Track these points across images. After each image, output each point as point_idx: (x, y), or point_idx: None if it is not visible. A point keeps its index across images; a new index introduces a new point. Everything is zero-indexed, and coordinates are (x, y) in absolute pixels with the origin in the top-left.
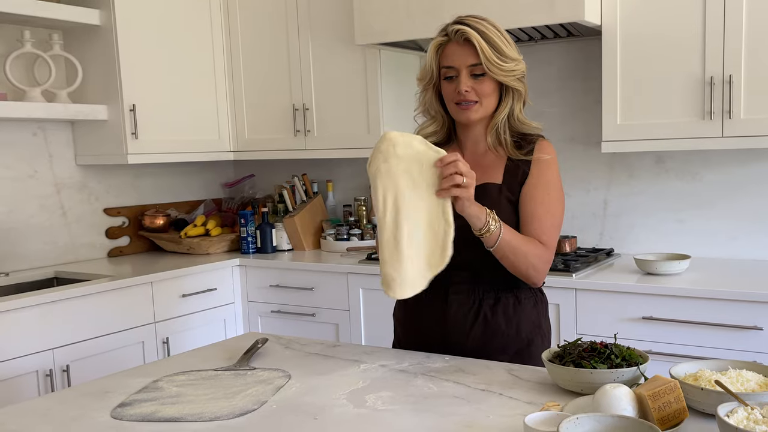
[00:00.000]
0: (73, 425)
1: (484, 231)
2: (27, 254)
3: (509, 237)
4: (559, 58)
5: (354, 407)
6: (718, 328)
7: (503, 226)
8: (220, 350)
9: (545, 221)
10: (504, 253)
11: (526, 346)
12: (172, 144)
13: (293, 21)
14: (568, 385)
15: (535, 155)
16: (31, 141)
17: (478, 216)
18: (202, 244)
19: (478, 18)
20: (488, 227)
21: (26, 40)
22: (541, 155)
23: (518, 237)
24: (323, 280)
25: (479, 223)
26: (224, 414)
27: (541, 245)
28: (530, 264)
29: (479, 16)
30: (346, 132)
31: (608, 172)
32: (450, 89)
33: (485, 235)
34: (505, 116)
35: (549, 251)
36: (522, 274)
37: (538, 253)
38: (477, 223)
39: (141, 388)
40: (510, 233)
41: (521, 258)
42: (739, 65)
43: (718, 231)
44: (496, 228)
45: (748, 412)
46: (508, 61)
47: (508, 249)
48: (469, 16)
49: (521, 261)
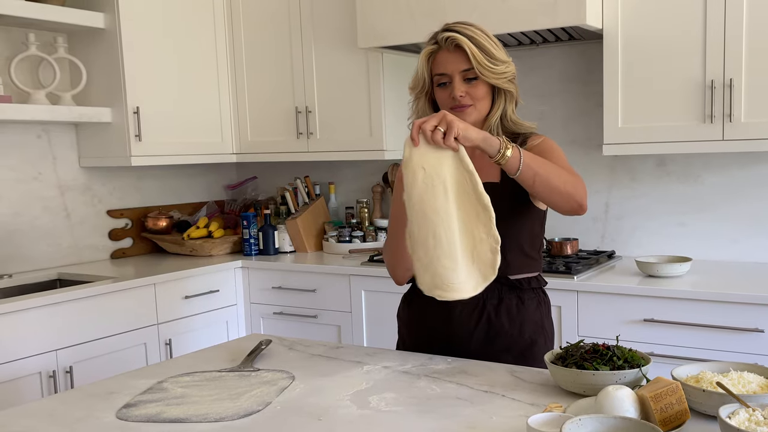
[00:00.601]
0: (79, 426)
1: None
2: (31, 256)
3: (530, 158)
4: (561, 61)
5: (358, 408)
6: (719, 331)
7: (522, 150)
8: (224, 351)
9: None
10: (533, 172)
11: (529, 346)
12: (176, 146)
13: (296, 24)
14: (570, 387)
15: (528, 145)
16: (35, 143)
17: (486, 138)
18: (204, 246)
19: (465, 24)
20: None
21: (31, 43)
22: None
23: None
24: (325, 282)
25: (493, 145)
26: (229, 415)
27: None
28: (566, 180)
29: (466, 22)
30: (349, 135)
31: (610, 174)
32: (444, 95)
33: (502, 160)
34: (498, 118)
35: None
36: (563, 194)
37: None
38: (491, 146)
39: (146, 389)
40: (530, 156)
41: (553, 173)
42: (739, 69)
43: (720, 234)
44: (514, 149)
45: (749, 414)
46: (498, 64)
47: (537, 167)
48: (457, 22)
49: (554, 177)
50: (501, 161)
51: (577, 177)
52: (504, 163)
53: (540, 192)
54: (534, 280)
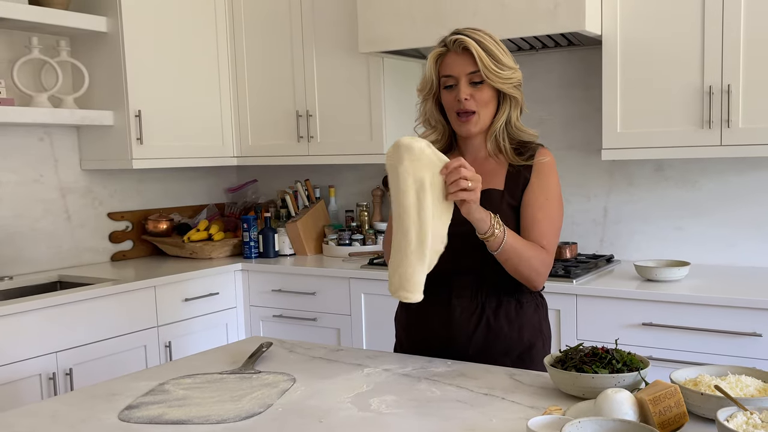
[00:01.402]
0: (81, 426)
1: (488, 235)
2: (31, 258)
3: (513, 241)
4: (560, 67)
5: (358, 411)
6: (717, 335)
7: (507, 230)
8: (225, 354)
9: (546, 226)
10: (507, 256)
11: (527, 349)
12: (177, 149)
13: (297, 28)
14: (570, 390)
15: (536, 159)
16: (37, 146)
17: (483, 219)
18: (204, 249)
19: (475, 29)
20: (493, 231)
21: (34, 47)
22: (541, 159)
23: (521, 241)
24: (325, 285)
25: (484, 226)
26: (231, 417)
27: (543, 249)
28: (533, 268)
29: (476, 28)
30: (349, 138)
31: (608, 179)
32: (450, 98)
33: (490, 239)
34: (502, 123)
35: (550, 255)
36: (524, 277)
37: (540, 257)
38: (482, 226)
39: (148, 390)
40: (513, 237)
41: (524, 262)
42: (737, 75)
43: (717, 238)
44: (501, 232)
45: (747, 417)
46: (505, 69)
47: (512, 253)
48: (467, 28)
49: (524, 265)
50: (489, 239)
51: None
52: (488, 242)
53: (506, 268)
54: None
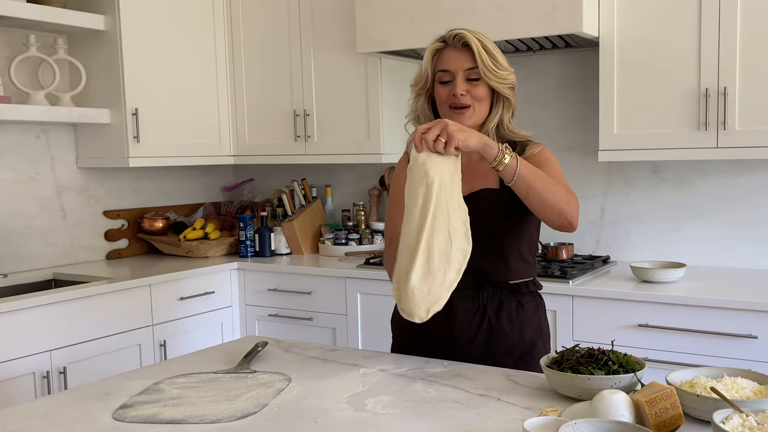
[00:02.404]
0: (75, 426)
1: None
2: (27, 256)
3: (529, 168)
4: (557, 68)
5: (354, 411)
6: (713, 336)
7: (520, 159)
8: (221, 353)
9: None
10: (528, 183)
11: (529, 349)
12: (174, 148)
13: (295, 28)
14: (566, 391)
15: (527, 154)
16: (33, 143)
17: (487, 144)
18: (200, 248)
19: (472, 30)
20: (503, 155)
21: (31, 44)
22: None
23: (538, 170)
24: (321, 285)
25: (492, 150)
26: (226, 416)
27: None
28: (560, 197)
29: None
30: (346, 138)
31: (605, 180)
32: (445, 92)
33: (500, 166)
34: (494, 124)
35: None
36: (553, 208)
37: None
38: (490, 151)
39: (142, 390)
40: (529, 166)
41: (549, 188)
42: (733, 78)
43: (714, 240)
44: (512, 158)
45: (743, 419)
46: (501, 69)
47: (532, 178)
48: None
49: (548, 192)
50: (498, 167)
51: (571, 194)
52: (501, 169)
53: (532, 204)
54: (531, 284)
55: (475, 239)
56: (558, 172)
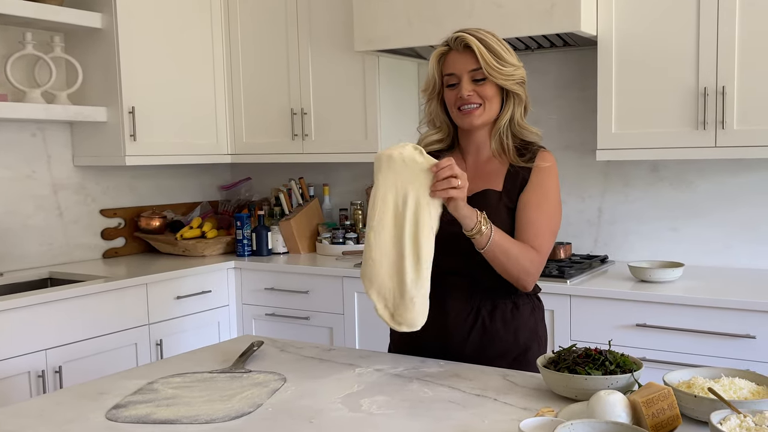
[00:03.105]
0: (68, 426)
1: (475, 232)
2: (23, 255)
3: (500, 239)
4: (556, 67)
5: (349, 411)
6: (711, 336)
7: (494, 228)
8: (216, 353)
9: (540, 226)
10: (495, 254)
11: (523, 352)
12: (171, 146)
13: (293, 26)
14: (562, 391)
15: (536, 163)
16: (30, 142)
17: (469, 216)
18: (197, 246)
19: (478, 29)
20: (479, 228)
21: (27, 42)
22: (541, 163)
23: (510, 240)
24: (318, 284)
25: (471, 223)
26: (220, 416)
27: (533, 250)
28: (521, 267)
29: (479, 28)
30: (344, 137)
31: (603, 180)
32: (452, 95)
33: (476, 236)
34: (506, 121)
35: (541, 256)
36: (513, 277)
37: (529, 257)
38: (468, 223)
39: (136, 389)
40: (501, 236)
41: (512, 261)
42: (732, 77)
43: (712, 239)
44: (487, 229)
45: (740, 420)
46: (506, 65)
47: (499, 251)
48: (469, 28)
49: (512, 264)
50: (476, 236)
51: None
52: (475, 239)
53: (495, 267)
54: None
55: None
56: (551, 200)
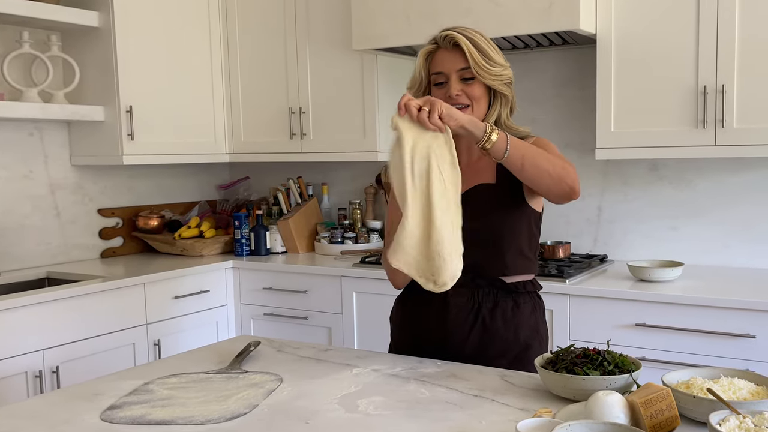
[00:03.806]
0: (63, 427)
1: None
2: (20, 254)
3: (520, 141)
4: (554, 66)
5: (346, 412)
6: (710, 336)
7: (510, 135)
8: (212, 353)
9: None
10: (521, 154)
11: (524, 350)
12: (168, 145)
13: (291, 25)
14: (560, 392)
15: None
16: (27, 141)
17: (474, 122)
18: (195, 246)
19: (465, 28)
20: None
21: (24, 41)
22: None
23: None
24: (317, 283)
25: (479, 127)
26: (215, 417)
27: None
28: (556, 163)
29: (467, 27)
30: (342, 136)
31: (602, 179)
32: (440, 95)
33: (488, 144)
34: (493, 121)
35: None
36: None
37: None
38: (477, 128)
39: (131, 390)
40: (519, 140)
41: (541, 156)
42: (731, 75)
43: (712, 239)
44: (499, 133)
45: (739, 421)
46: (495, 66)
47: (524, 150)
48: (457, 26)
49: (542, 160)
50: (486, 145)
51: (567, 162)
52: (490, 147)
53: (529, 175)
54: (529, 284)
55: (472, 235)
56: (555, 152)
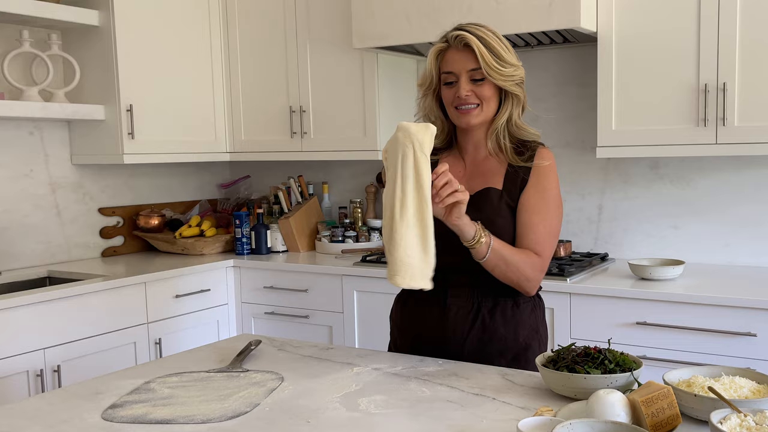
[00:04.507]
0: (63, 426)
1: (475, 242)
2: (21, 253)
3: (500, 247)
4: (555, 64)
5: (347, 411)
6: (711, 334)
7: (493, 237)
8: (213, 352)
9: (541, 230)
10: (495, 263)
11: (523, 350)
12: (169, 144)
13: (291, 23)
14: (561, 390)
15: (535, 162)
16: (27, 140)
17: (469, 225)
18: (196, 245)
19: (477, 24)
20: (479, 238)
21: (24, 40)
22: (540, 162)
23: (509, 248)
24: (317, 282)
25: (470, 232)
26: (216, 416)
27: (535, 255)
28: (522, 274)
29: (479, 23)
30: (343, 134)
31: (603, 177)
32: (450, 94)
33: (476, 246)
34: (504, 121)
35: (543, 261)
36: (514, 283)
37: (530, 261)
38: (468, 233)
39: (132, 389)
40: (500, 244)
41: (512, 268)
42: (732, 73)
43: (712, 237)
44: (487, 237)
45: (741, 419)
46: (507, 66)
47: (500, 259)
48: (469, 23)
49: (512, 271)
50: (475, 246)
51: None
52: (474, 249)
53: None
54: None
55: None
56: (550, 202)
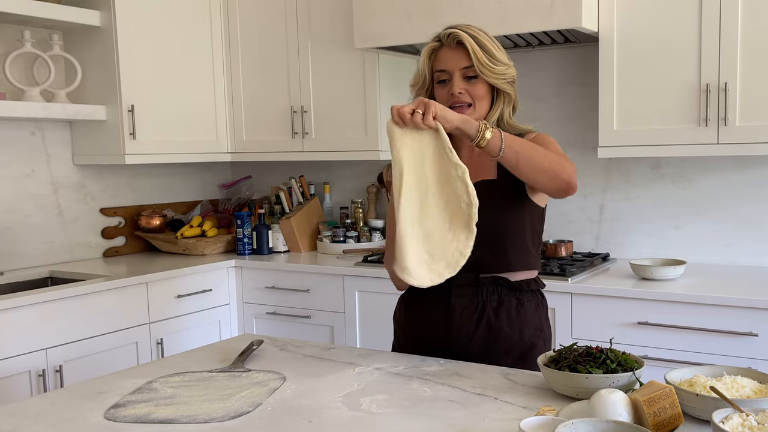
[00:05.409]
0: (66, 426)
1: (481, 135)
2: (23, 254)
3: (515, 138)
4: (556, 64)
5: (349, 410)
6: (713, 334)
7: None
8: (215, 351)
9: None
10: (515, 152)
11: (528, 349)
12: (170, 145)
13: (292, 23)
14: (563, 390)
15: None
16: (29, 140)
17: (467, 121)
18: (197, 245)
19: (469, 25)
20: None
21: (26, 40)
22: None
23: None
24: (319, 282)
25: (472, 128)
26: (218, 416)
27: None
28: (551, 159)
29: (470, 25)
30: (344, 135)
31: (604, 177)
32: (443, 93)
33: (483, 141)
34: (495, 120)
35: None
36: (547, 171)
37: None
38: (470, 127)
39: (135, 389)
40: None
41: (538, 153)
42: (734, 73)
43: (714, 237)
44: (493, 129)
45: (743, 419)
46: (499, 64)
47: (519, 147)
48: (461, 24)
49: (539, 155)
50: (481, 143)
51: (564, 157)
52: (485, 145)
53: (525, 172)
54: (533, 282)
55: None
56: (555, 147)
